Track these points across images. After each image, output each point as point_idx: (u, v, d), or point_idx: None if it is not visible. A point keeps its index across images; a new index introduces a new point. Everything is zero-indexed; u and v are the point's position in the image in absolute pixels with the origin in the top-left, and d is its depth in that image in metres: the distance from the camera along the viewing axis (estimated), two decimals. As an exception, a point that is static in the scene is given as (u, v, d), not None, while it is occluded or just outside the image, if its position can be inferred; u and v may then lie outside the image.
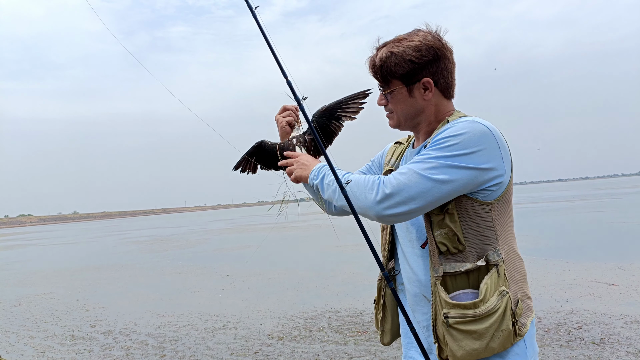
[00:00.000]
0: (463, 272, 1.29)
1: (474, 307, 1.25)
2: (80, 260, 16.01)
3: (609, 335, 4.54)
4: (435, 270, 1.31)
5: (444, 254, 1.30)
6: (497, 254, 1.31)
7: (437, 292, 1.30)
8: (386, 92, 1.45)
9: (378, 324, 1.62)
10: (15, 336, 6.06)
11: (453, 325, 1.26)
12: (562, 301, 5.96)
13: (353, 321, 5.63)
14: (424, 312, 1.42)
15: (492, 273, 1.29)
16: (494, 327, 1.25)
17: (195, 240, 21.33)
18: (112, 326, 6.27)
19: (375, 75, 1.45)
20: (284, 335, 5.24)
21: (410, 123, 1.47)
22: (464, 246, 1.29)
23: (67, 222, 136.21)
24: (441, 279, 1.30)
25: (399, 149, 1.63)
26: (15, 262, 17.40)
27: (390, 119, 1.51)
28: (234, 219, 48.53)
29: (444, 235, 1.29)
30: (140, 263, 13.81)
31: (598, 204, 26.51)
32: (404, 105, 1.44)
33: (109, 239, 29.10)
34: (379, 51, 1.43)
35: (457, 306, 1.26)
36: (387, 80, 1.42)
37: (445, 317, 1.27)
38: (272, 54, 1.55)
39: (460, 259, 1.29)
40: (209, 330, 5.73)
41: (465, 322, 1.25)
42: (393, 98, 1.44)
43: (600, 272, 7.59)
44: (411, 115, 1.45)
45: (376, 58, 1.42)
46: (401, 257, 1.51)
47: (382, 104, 1.50)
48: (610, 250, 9.79)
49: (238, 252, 14.83)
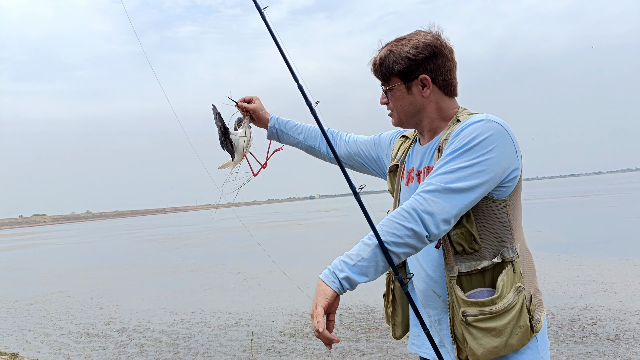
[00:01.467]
0: (479, 270, 1.29)
1: (492, 304, 1.25)
2: (94, 259, 16.21)
3: (624, 331, 4.49)
4: (450, 270, 1.30)
5: (459, 253, 1.30)
6: (512, 250, 1.31)
7: (453, 292, 1.29)
8: (386, 89, 1.47)
9: (389, 318, 1.62)
10: (32, 334, 6.16)
11: (472, 323, 1.25)
12: (576, 297, 5.90)
13: (364, 318, 5.63)
14: (435, 306, 1.42)
15: (508, 269, 1.29)
16: (512, 324, 1.25)
17: (206, 239, 21.47)
18: (126, 324, 6.34)
19: (376, 74, 1.48)
20: (296, 332, 5.26)
21: (411, 121, 1.48)
22: (479, 246, 1.29)
23: (80, 221, 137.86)
24: (456, 279, 1.29)
25: (405, 144, 1.62)
26: (31, 261, 17.67)
27: (392, 118, 1.52)
28: (244, 217, 48.75)
29: (460, 236, 1.29)
30: (153, 261, 13.94)
31: (612, 199, 26.18)
32: (403, 103, 1.45)
33: (122, 237, 29.41)
34: (380, 52, 1.47)
35: (475, 304, 1.25)
36: (386, 77, 1.45)
37: (463, 315, 1.26)
38: (283, 58, 1.55)
39: (475, 258, 1.30)
40: (221, 327, 5.77)
41: (483, 319, 1.25)
42: (392, 95, 1.46)
43: (615, 268, 7.50)
44: (411, 113, 1.46)
45: (377, 58, 1.46)
46: None
47: (384, 103, 1.51)
48: (624, 246, 9.67)
49: (249, 249, 14.90)
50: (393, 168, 1.59)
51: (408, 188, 1.49)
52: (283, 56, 1.55)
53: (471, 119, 1.32)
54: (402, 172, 1.55)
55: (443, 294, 1.38)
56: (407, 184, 1.51)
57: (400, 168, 1.57)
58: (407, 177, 1.51)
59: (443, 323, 1.41)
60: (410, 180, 1.49)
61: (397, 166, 1.58)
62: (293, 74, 1.55)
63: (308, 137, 1.81)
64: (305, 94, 1.55)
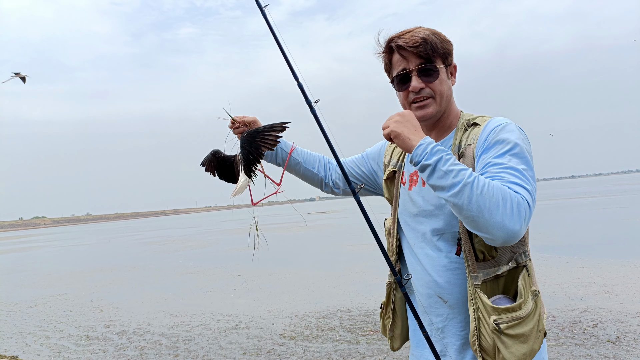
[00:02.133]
0: (496, 276, 1.28)
1: (519, 309, 1.23)
2: (94, 262, 16.20)
3: (625, 334, 4.48)
4: (474, 278, 1.27)
5: (479, 261, 1.28)
6: (524, 254, 1.32)
7: (479, 300, 1.25)
8: (438, 67, 1.35)
9: (387, 329, 1.59)
10: (32, 337, 6.15)
11: (505, 331, 1.21)
12: (577, 299, 5.89)
13: (365, 320, 5.62)
14: (439, 313, 1.39)
15: (524, 273, 1.29)
16: (535, 328, 1.24)
17: (206, 241, 21.45)
18: (126, 326, 6.33)
19: (420, 52, 1.33)
20: (296, 335, 5.25)
21: (443, 109, 1.40)
22: (497, 252, 1.28)
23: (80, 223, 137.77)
24: (480, 286, 1.27)
25: (398, 149, 1.57)
26: (31, 263, 17.65)
27: (427, 107, 1.37)
28: (244, 219, 48.75)
29: (482, 243, 1.27)
30: (153, 264, 13.93)
31: (612, 201, 26.16)
32: (446, 86, 1.38)
33: (122, 240, 29.39)
34: (411, 33, 1.35)
35: (505, 310, 1.22)
36: (430, 57, 1.34)
37: (496, 323, 1.21)
38: (283, 56, 1.52)
39: (492, 264, 1.29)
40: (221, 330, 5.76)
41: (514, 325, 1.22)
42: (439, 78, 1.35)
43: (615, 270, 7.49)
44: (448, 99, 1.39)
45: (416, 35, 1.34)
46: (410, 259, 1.48)
47: (421, 87, 1.36)
48: (625, 247, 9.65)
49: (249, 252, 14.88)
50: (390, 175, 1.54)
51: (411, 192, 1.45)
52: (283, 54, 1.53)
53: (503, 122, 1.31)
54: (402, 177, 1.51)
55: (450, 299, 1.36)
56: (409, 187, 1.46)
57: (398, 174, 1.52)
58: (410, 180, 1.47)
59: (447, 331, 1.38)
60: (414, 184, 1.45)
61: (394, 172, 1.53)
62: (293, 72, 1.52)
63: (307, 161, 1.73)
64: (305, 92, 1.52)
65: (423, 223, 1.41)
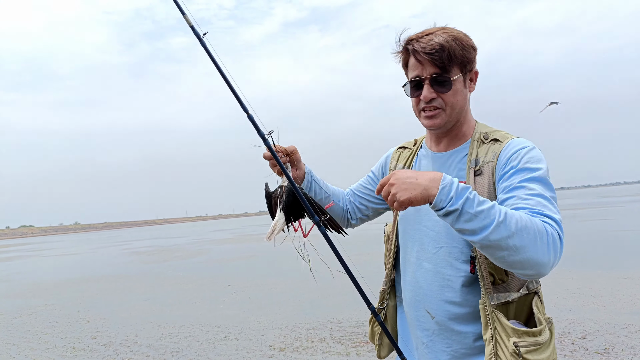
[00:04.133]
0: (506, 302, 1.24)
1: (539, 335, 1.19)
2: (82, 271, 15.97)
3: (613, 345, 4.50)
4: (491, 298, 1.23)
5: (492, 284, 1.25)
6: (536, 281, 1.28)
7: (498, 321, 1.20)
8: (453, 78, 1.27)
9: (375, 337, 1.57)
10: (16, 348, 6.03)
11: (524, 355, 1.16)
12: (566, 310, 5.92)
13: (355, 331, 5.59)
14: (425, 327, 1.38)
15: (536, 300, 1.26)
16: (552, 356, 1.21)
17: (196, 251, 21.28)
18: (113, 338, 6.23)
19: (435, 60, 1.25)
20: (286, 346, 5.20)
21: (456, 119, 1.34)
22: (508, 277, 1.24)
23: (68, 232, 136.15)
24: (497, 307, 1.23)
25: (405, 154, 1.54)
26: (17, 273, 17.36)
27: (435, 117, 1.32)
28: (235, 228, 48.44)
29: (492, 266, 1.23)
30: (141, 274, 13.77)
31: (601, 212, 26.43)
32: (460, 97, 1.31)
33: (110, 249, 29.05)
34: (430, 35, 1.27)
35: (526, 333, 1.18)
36: (446, 66, 1.26)
37: (515, 346, 1.16)
38: (228, 86, 1.37)
39: (502, 289, 1.24)
40: (210, 341, 5.69)
41: (533, 350, 1.17)
42: (453, 88, 1.28)
43: (604, 281, 7.54)
44: (461, 109, 1.33)
45: (434, 39, 1.25)
46: (406, 268, 1.47)
47: (432, 97, 1.29)
48: (613, 259, 9.74)
49: (239, 262, 14.78)
50: None
51: None
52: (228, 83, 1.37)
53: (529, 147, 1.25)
54: None
55: (437, 315, 1.34)
56: None
57: None
58: None
59: (431, 347, 1.36)
60: None
61: None
62: (240, 102, 1.37)
63: (334, 195, 1.68)
64: (257, 123, 1.37)
65: (422, 232, 1.39)
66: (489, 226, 1.03)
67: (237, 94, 1.36)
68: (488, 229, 1.03)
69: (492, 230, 1.03)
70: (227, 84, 1.36)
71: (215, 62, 1.37)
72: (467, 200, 1.05)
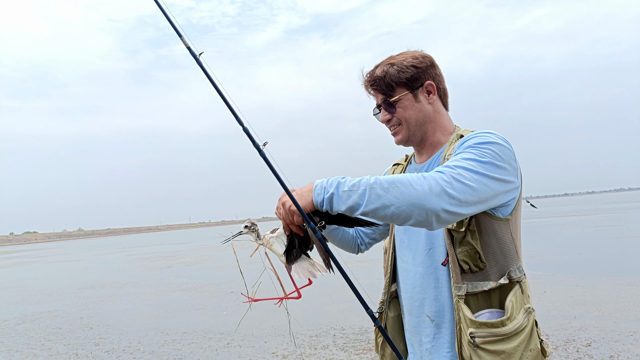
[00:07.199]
0: (486, 291, 1.26)
1: (501, 326, 1.21)
2: (85, 278, 15.99)
3: (619, 352, 4.47)
4: (458, 289, 1.27)
5: (465, 272, 1.27)
6: (519, 270, 1.29)
7: (461, 311, 1.25)
8: (393, 98, 1.42)
9: (378, 347, 1.58)
10: (19, 354, 6.03)
11: (480, 345, 1.20)
12: (571, 318, 5.88)
13: (358, 338, 5.57)
14: (427, 333, 1.39)
15: (516, 290, 1.27)
16: (522, 347, 1.22)
17: (199, 257, 21.28)
18: (116, 344, 6.23)
19: (377, 88, 1.44)
20: (289, 353, 5.19)
21: (419, 132, 1.44)
22: (484, 264, 1.27)
23: (72, 239, 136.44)
24: (464, 298, 1.26)
25: (398, 169, 1.60)
26: (20, 279, 17.39)
27: (398, 134, 1.46)
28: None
29: (465, 253, 1.26)
30: (145, 280, 13.77)
31: (605, 219, 26.30)
32: (412, 112, 1.42)
33: (114, 256, 29.08)
34: (376, 69, 1.45)
35: (484, 325, 1.22)
36: (391, 89, 1.42)
37: (471, 337, 1.22)
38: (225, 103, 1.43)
39: (480, 277, 1.27)
40: (213, 348, 5.68)
41: (492, 341, 1.20)
42: (400, 106, 1.42)
43: (608, 288, 7.50)
44: (420, 122, 1.43)
45: (375, 72, 1.44)
46: (403, 276, 1.48)
47: (387, 118, 1.46)
48: (618, 266, 9.68)
49: (242, 268, 14.74)
50: None
51: None
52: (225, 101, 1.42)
53: (478, 131, 1.32)
54: None
55: (437, 318, 1.35)
56: None
57: None
58: None
59: (434, 352, 1.37)
60: None
61: None
62: (237, 117, 1.42)
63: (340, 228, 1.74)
64: (252, 136, 1.41)
65: (416, 239, 1.42)
66: (365, 192, 1.13)
67: (232, 107, 1.43)
68: (365, 195, 1.13)
69: (369, 194, 1.12)
70: (223, 99, 1.44)
71: (211, 79, 1.45)
72: (339, 184, 1.17)
